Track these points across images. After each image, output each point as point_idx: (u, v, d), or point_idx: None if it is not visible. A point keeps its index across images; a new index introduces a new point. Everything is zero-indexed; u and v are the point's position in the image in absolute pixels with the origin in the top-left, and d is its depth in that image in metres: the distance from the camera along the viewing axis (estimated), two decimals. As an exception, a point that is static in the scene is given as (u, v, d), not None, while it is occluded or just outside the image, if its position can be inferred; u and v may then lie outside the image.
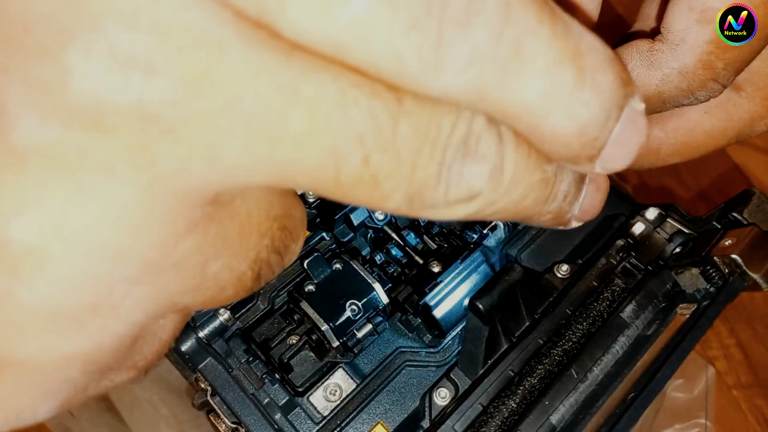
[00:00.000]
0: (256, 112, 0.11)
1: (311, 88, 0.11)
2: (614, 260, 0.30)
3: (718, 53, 0.25)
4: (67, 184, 0.11)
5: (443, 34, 0.11)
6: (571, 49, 0.13)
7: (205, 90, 0.11)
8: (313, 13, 0.11)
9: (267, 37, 0.11)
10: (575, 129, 0.14)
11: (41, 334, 0.12)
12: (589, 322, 0.28)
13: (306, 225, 0.19)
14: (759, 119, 0.29)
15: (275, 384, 0.29)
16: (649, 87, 0.26)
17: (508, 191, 0.15)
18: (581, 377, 0.26)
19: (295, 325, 0.31)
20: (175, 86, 0.11)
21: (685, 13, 0.25)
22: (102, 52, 0.10)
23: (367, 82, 0.12)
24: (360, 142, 0.12)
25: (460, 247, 0.33)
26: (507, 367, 0.28)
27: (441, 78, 0.12)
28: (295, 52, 0.11)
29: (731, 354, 0.54)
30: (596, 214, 0.19)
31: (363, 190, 0.13)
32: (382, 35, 0.11)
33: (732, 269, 0.27)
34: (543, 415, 0.26)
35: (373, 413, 0.29)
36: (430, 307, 0.30)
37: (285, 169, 0.12)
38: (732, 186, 0.61)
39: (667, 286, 0.29)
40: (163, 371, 0.43)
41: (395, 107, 0.12)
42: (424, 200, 0.14)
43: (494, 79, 0.12)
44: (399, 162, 0.13)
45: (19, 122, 0.11)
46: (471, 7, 0.11)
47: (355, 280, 0.30)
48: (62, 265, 0.12)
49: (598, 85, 0.14)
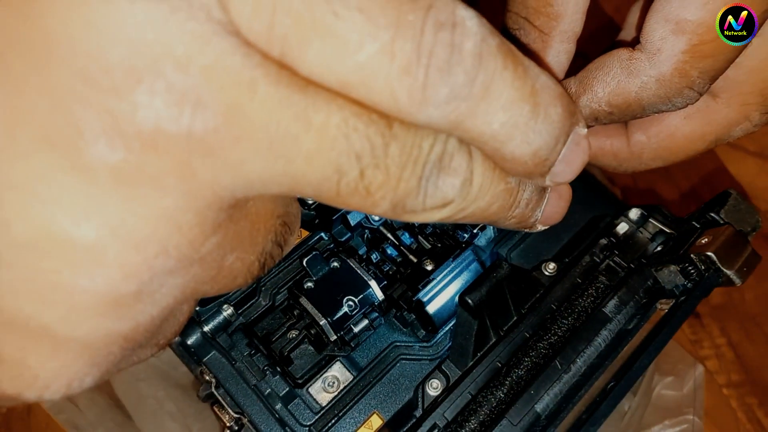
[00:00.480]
0: (277, 136, 0.14)
1: (321, 117, 0.14)
2: (598, 258, 0.32)
3: (693, 62, 0.26)
4: (125, 194, 0.13)
5: (429, 79, 0.14)
6: (529, 88, 0.16)
7: (239, 119, 0.13)
8: (327, 59, 0.14)
9: (288, 75, 0.14)
10: (530, 152, 0.17)
11: (95, 317, 0.15)
12: (574, 317, 0.30)
13: (300, 220, 0.21)
14: (735, 124, 0.31)
15: (276, 376, 0.30)
16: (629, 93, 0.28)
17: (477, 199, 0.18)
18: (565, 368, 0.28)
19: (295, 320, 0.32)
20: (216, 117, 0.13)
21: (662, 24, 0.26)
22: (161, 90, 0.13)
23: (365, 112, 0.15)
24: (358, 160, 0.15)
25: (453, 246, 0.35)
26: (495, 359, 0.29)
27: (425, 111, 0.15)
28: (309, 87, 0.14)
29: (722, 353, 0.55)
30: (559, 219, 0.22)
31: (357, 199, 0.16)
32: (381, 78, 0.14)
33: (708, 266, 0.28)
34: (528, 403, 0.27)
35: (369, 404, 0.31)
36: (423, 303, 0.31)
37: (296, 181, 0.15)
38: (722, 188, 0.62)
39: (648, 283, 0.30)
40: (168, 368, 0.44)
41: (387, 132, 0.15)
42: (406, 206, 0.16)
43: (467, 113, 0.15)
44: (388, 176, 0.15)
45: (91, 145, 0.13)
46: (451, 57, 0.14)
47: (352, 277, 0.31)
48: (117, 260, 0.14)
49: (549, 116, 0.17)
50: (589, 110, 0.29)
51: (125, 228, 0.14)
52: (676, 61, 0.26)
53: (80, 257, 0.14)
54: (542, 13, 0.28)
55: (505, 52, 0.16)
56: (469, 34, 0.15)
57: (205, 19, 0.13)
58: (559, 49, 0.29)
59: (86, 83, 0.13)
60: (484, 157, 0.17)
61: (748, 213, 0.30)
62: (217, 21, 0.13)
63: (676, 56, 0.26)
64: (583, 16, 0.29)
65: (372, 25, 0.14)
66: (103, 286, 0.14)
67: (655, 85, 0.27)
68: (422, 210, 0.17)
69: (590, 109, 0.29)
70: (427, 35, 0.14)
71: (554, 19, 0.28)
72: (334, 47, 0.14)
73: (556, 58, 0.30)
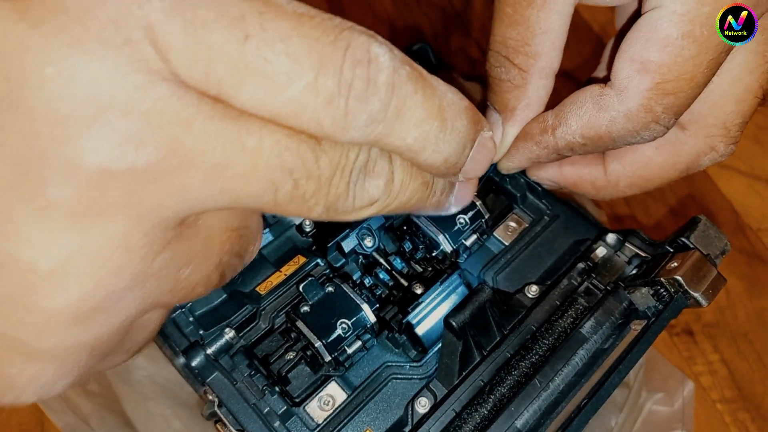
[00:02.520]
0: (214, 161, 0.16)
1: (254, 141, 0.17)
2: (575, 281, 0.34)
3: (657, 99, 0.28)
4: (78, 225, 0.16)
5: (349, 108, 0.17)
6: (437, 107, 0.19)
7: (178, 151, 0.16)
8: (260, 96, 0.16)
9: (222, 108, 0.16)
10: (441, 159, 0.21)
11: (60, 331, 0.17)
12: (554, 337, 0.32)
13: (262, 231, 0.25)
14: (703, 155, 0.33)
15: (275, 395, 0.32)
16: (600, 127, 0.30)
17: (399, 195, 0.21)
18: (544, 386, 0.29)
19: (292, 342, 0.34)
20: (157, 151, 0.16)
21: (628, 64, 0.28)
22: (107, 134, 0.15)
23: (295, 134, 0.17)
24: (290, 174, 0.17)
25: (442, 270, 0.36)
26: (478, 378, 0.31)
27: (348, 134, 0.18)
28: (243, 117, 0.17)
29: (715, 370, 0.56)
30: (469, 200, 0.25)
31: (294, 206, 0.18)
32: (308, 110, 0.17)
33: (676, 288, 0.30)
34: (509, 419, 0.29)
35: (362, 421, 0.32)
36: (413, 325, 0.33)
37: (235, 197, 0.17)
38: (713, 207, 0.63)
39: (623, 305, 0.32)
40: (175, 388, 0.46)
41: (316, 148, 0.18)
42: (338, 208, 0.19)
43: (384, 132, 0.18)
44: (319, 184, 0.18)
45: (48, 186, 0.15)
46: (368, 88, 0.17)
47: (346, 301, 0.33)
48: (74, 282, 0.16)
49: (456, 129, 0.20)
50: (564, 142, 0.31)
51: (80, 254, 0.16)
52: (642, 98, 0.28)
53: (43, 282, 0.16)
54: (521, 52, 0.31)
55: (416, 78, 0.19)
56: (382, 68, 0.18)
57: (145, 71, 0.15)
58: (537, 85, 0.32)
59: (42, 133, 0.15)
60: (402, 159, 0.20)
61: (717, 238, 0.31)
62: (155, 71, 0.15)
63: (641, 93, 0.28)
64: (560, 53, 0.31)
65: (298, 66, 0.16)
66: (64, 305, 0.17)
67: (624, 120, 0.29)
68: (353, 210, 0.20)
69: (565, 140, 0.31)
70: (345, 72, 0.17)
71: (532, 58, 0.31)
72: (266, 86, 0.16)
73: (535, 93, 0.32)
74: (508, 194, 0.40)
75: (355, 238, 0.36)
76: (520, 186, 0.39)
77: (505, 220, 0.39)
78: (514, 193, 0.39)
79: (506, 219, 0.39)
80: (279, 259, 0.37)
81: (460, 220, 0.36)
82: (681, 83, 0.27)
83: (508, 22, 0.30)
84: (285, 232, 0.38)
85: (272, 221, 0.37)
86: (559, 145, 0.32)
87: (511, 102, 0.32)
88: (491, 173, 0.40)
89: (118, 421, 0.45)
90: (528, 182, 0.39)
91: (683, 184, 0.64)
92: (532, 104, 0.32)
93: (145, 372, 0.45)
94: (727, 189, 0.64)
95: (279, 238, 0.38)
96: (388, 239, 0.38)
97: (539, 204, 0.39)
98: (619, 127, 0.29)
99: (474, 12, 0.80)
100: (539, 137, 0.32)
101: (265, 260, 0.37)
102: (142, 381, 0.44)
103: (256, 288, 0.35)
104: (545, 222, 0.39)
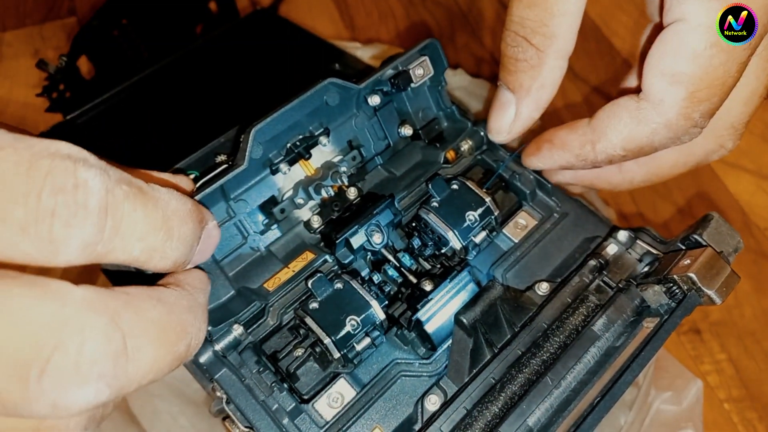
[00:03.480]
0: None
1: None
2: (587, 279, 0.33)
3: (693, 107, 0.29)
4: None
5: (54, 235, 0.17)
6: (160, 218, 0.20)
7: None
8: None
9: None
10: (170, 264, 0.22)
11: None
12: (565, 334, 0.31)
13: None
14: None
15: (283, 392, 0.31)
16: (641, 139, 0.31)
17: None
18: (555, 384, 0.29)
19: (301, 339, 0.34)
20: None
21: (659, 78, 0.29)
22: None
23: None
24: None
25: (451, 267, 0.36)
26: (489, 375, 0.31)
27: (59, 258, 0.18)
28: None
29: (722, 369, 0.55)
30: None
31: None
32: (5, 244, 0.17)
33: (689, 286, 0.30)
34: (521, 417, 0.28)
35: (371, 418, 0.32)
36: (422, 322, 0.33)
37: None
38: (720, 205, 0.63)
39: (635, 302, 0.32)
40: (181, 385, 0.46)
41: None
42: None
43: (105, 250, 0.19)
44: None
45: None
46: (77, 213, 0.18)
47: (355, 298, 0.33)
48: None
49: (182, 234, 0.22)
50: (605, 155, 0.33)
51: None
52: (679, 108, 0.29)
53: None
54: (539, 32, 0.31)
55: (135, 195, 0.19)
56: (93, 191, 0.18)
57: None
58: (553, 65, 0.32)
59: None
60: None
61: (729, 235, 0.31)
62: None
63: (678, 104, 0.29)
64: (575, 37, 0.32)
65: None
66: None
67: (665, 130, 0.30)
68: None
69: (606, 154, 0.32)
70: (44, 200, 0.17)
71: (549, 38, 0.31)
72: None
73: (550, 74, 0.33)
74: (517, 191, 0.40)
75: (363, 234, 0.36)
76: (529, 183, 0.39)
77: (515, 217, 0.39)
78: (524, 191, 0.39)
79: (516, 216, 0.39)
80: (287, 255, 0.37)
81: (470, 217, 0.36)
82: (714, 89, 0.28)
83: (526, 3, 0.30)
84: (293, 228, 0.37)
85: (280, 217, 0.37)
86: (599, 158, 0.33)
87: (526, 81, 0.33)
88: (502, 170, 0.40)
89: (124, 419, 0.45)
90: (537, 179, 0.39)
91: (691, 183, 0.64)
92: (546, 85, 0.33)
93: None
94: (735, 188, 0.64)
95: (287, 234, 0.37)
96: (396, 236, 0.38)
97: (549, 201, 0.39)
98: (660, 137, 0.30)
99: (479, 10, 0.80)
100: (579, 150, 0.33)
101: (273, 256, 0.36)
102: (148, 378, 0.44)
103: (264, 284, 0.35)
104: (555, 219, 0.38)
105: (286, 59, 0.63)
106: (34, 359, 0.16)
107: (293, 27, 0.68)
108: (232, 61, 0.63)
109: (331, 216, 0.37)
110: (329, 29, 0.77)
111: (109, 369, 0.18)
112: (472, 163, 0.41)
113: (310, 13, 0.78)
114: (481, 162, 0.41)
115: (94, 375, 0.17)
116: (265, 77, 0.60)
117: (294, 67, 0.62)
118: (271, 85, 0.59)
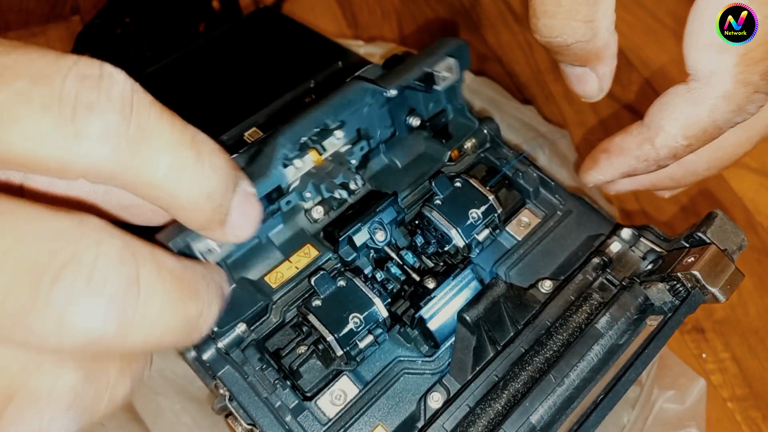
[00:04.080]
0: None
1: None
2: (590, 276, 0.33)
3: (750, 69, 0.27)
4: None
5: (77, 114, 0.16)
6: (189, 137, 0.18)
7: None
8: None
9: None
10: (204, 194, 0.19)
11: None
12: (568, 332, 0.31)
13: None
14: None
15: (286, 389, 0.31)
16: (702, 120, 0.28)
17: None
18: (559, 382, 0.29)
19: (304, 336, 0.34)
20: None
21: (704, 51, 0.27)
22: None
23: None
24: None
25: (454, 265, 0.36)
26: (492, 373, 0.31)
27: (83, 146, 0.17)
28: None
29: (726, 367, 0.55)
30: None
31: None
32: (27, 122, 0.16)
33: (693, 284, 0.30)
34: (524, 415, 0.28)
35: (374, 416, 0.32)
36: (425, 319, 0.33)
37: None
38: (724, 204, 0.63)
39: (639, 300, 0.32)
40: (184, 383, 0.46)
41: None
42: None
43: (130, 150, 0.17)
44: None
45: None
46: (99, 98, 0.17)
47: (358, 295, 0.32)
48: None
49: (214, 164, 0.19)
50: (667, 149, 0.30)
51: None
52: (734, 74, 0.27)
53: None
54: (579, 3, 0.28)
55: (160, 107, 0.18)
56: (117, 82, 0.17)
57: None
58: (608, 27, 0.30)
59: None
60: None
61: (733, 233, 0.31)
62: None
63: (731, 70, 0.27)
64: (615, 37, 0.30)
65: None
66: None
67: (725, 103, 0.28)
68: None
69: (668, 147, 0.30)
70: (68, 84, 0.16)
71: (593, 6, 0.28)
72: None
73: (606, 32, 0.30)
74: (520, 189, 0.39)
75: (366, 232, 0.36)
76: (532, 181, 0.39)
77: (518, 215, 0.39)
78: (527, 188, 0.39)
79: (519, 214, 0.39)
80: (287, 245, 0.36)
81: (473, 215, 0.36)
82: (765, 48, 0.26)
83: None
84: (293, 217, 0.37)
85: (285, 209, 0.37)
86: (661, 154, 0.30)
87: (591, 52, 0.30)
88: (506, 170, 0.39)
89: (127, 416, 0.45)
90: (540, 177, 0.39)
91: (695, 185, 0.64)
92: (609, 43, 0.30)
93: (154, 367, 0.44)
94: (738, 186, 0.63)
95: (287, 223, 0.37)
96: (399, 233, 0.38)
97: (552, 199, 0.39)
98: (722, 111, 0.28)
99: (482, 8, 0.80)
100: (638, 151, 0.31)
101: (272, 245, 0.36)
102: (151, 376, 0.44)
103: (265, 277, 0.35)
104: (558, 217, 0.38)
105: (289, 57, 0.63)
106: (48, 265, 0.16)
107: (296, 25, 0.68)
108: (235, 59, 0.63)
109: (333, 208, 0.37)
110: (332, 27, 0.77)
111: (119, 293, 0.16)
112: (475, 160, 0.41)
113: (312, 11, 0.78)
114: (484, 159, 0.41)
115: (105, 294, 0.16)
116: (269, 75, 0.60)
117: (297, 65, 0.62)
118: (274, 83, 0.59)
